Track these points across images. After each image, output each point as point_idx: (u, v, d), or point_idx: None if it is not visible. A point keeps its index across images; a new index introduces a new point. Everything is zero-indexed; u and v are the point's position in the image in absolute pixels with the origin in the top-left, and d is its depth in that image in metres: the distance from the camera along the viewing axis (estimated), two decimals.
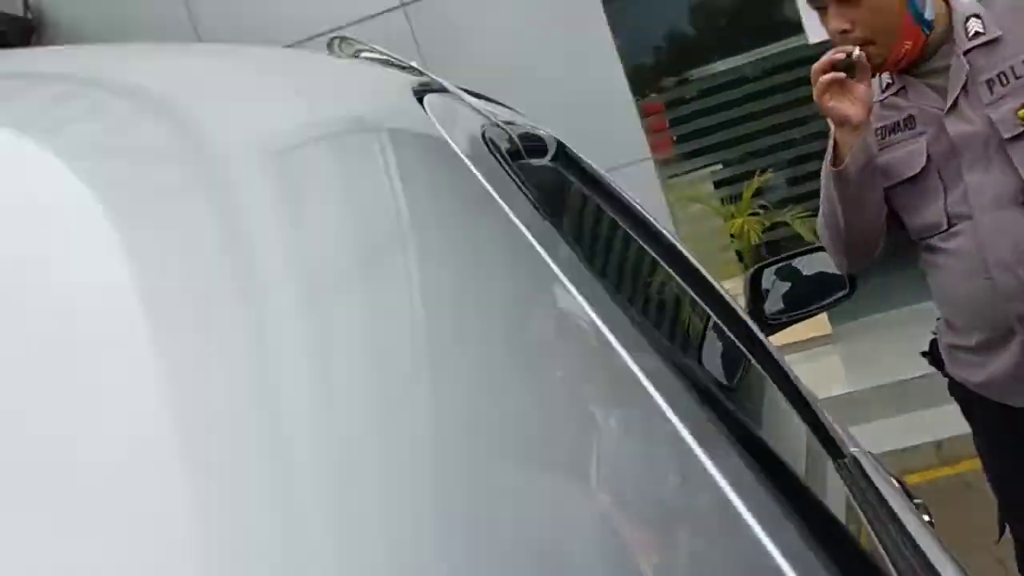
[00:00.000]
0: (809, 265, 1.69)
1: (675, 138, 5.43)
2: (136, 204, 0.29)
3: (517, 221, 0.43)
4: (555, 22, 4.42)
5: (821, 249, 1.55)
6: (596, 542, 0.25)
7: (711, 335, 0.90)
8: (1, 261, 0.24)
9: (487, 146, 0.51)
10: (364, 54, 0.75)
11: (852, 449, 0.85)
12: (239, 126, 0.39)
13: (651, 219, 0.85)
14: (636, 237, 0.77)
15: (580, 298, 0.41)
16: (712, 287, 0.94)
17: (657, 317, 0.72)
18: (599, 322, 0.40)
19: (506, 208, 0.43)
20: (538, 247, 0.43)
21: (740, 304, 1.07)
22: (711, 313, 0.87)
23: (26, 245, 0.25)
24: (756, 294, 1.68)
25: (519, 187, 0.48)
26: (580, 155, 0.78)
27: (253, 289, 0.28)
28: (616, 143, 4.23)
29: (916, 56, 1.31)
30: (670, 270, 0.81)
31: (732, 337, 0.88)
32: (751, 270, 1.73)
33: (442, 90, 0.61)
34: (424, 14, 4.48)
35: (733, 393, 0.75)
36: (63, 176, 0.29)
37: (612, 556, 0.25)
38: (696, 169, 5.50)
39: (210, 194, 0.32)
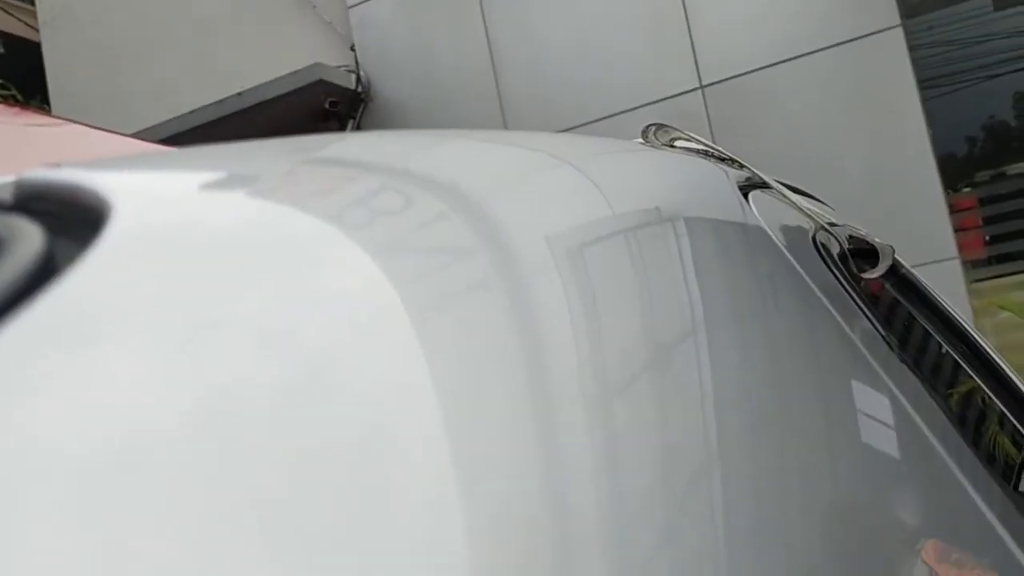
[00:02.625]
0: None
1: (988, 238, 4.96)
2: (437, 304, 0.29)
3: (853, 337, 0.40)
4: (864, 107, 4.25)
5: None
6: None
7: None
8: (301, 358, 0.24)
9: (818, 251, 0.48)
10: (680, 142, 0.75)
11: None
12: (555, 221, 0.39)
13: (994, 356, 0.78)
14: (977, 378, 0.70)
15: (921, 425, 0.38)
16: None
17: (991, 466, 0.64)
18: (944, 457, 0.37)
19: (841, 322, 0.40)
20: (874, 364, 0.40)
21: None
22: None
23: (324, 342, 0.25)
24: None
25: (853, 300, 0.45)
26: (914, 271, 0.73)
27: (560, 389, 0.28)
28: (920, 239, 3.94)
29: None
30: (1013, 418, 0.72)
31: None
32: None
33: (764, 185, 0.59)
34: (722, 96, 4.47)
35: None
36: (363, 272, 0.29)
37: None
38: (1009, 274, 4.97)
39: (539, 286, 0.32)
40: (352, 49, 5.17)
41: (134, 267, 0.25)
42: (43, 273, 0.23)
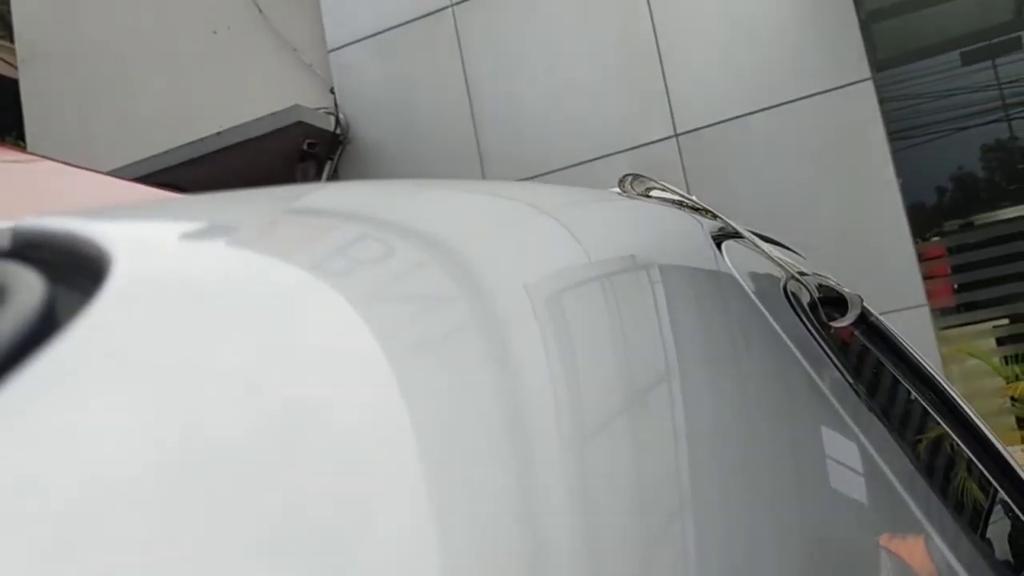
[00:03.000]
0: None
1: (956, 287, 5.04)
2: (418, 350, 0.30)
3: (822, 385, 0.41)
4: (835, 158, 4.32)
5: None
6: None
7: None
8: (282, 406, 0.24)
9: (788, 300, 0.50)
10: (655, 192, 0.77)
11: None
12: (530, 271, 0.40)
13: (961, 403, 0.79)
14: (945, 425, 0.71)
15: (885, 470, 0.39)
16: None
17: (962, 512, 0.65)
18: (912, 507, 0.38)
19: (810, 371, 0.42)
20: (842, 412, 0.41)
21: None
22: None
23: (305, 391, 0.25)
24: None
25: (822, 348, 0.46)
26: (882, 319, 0.74)
27: (535, 439, 0.28)
28: (890, 286, 3.99)
29: None
30: (980, 464, 0.74)
31: None
32: None
33: (737, 235, 0.61)
34: (696, 145, 4.54)
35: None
36: (343, 321, 0.29)
37: None
38: (977, 322, 5.05)
39: (518, 335, 0.33)
40: (332, 92, 5.20)
41: (139, 320, 0.25)
42: (45, 322, 0.23)
